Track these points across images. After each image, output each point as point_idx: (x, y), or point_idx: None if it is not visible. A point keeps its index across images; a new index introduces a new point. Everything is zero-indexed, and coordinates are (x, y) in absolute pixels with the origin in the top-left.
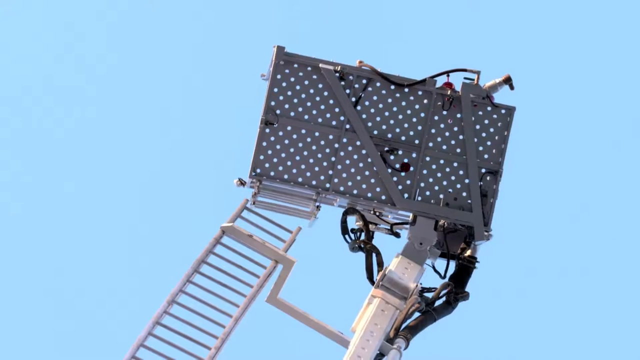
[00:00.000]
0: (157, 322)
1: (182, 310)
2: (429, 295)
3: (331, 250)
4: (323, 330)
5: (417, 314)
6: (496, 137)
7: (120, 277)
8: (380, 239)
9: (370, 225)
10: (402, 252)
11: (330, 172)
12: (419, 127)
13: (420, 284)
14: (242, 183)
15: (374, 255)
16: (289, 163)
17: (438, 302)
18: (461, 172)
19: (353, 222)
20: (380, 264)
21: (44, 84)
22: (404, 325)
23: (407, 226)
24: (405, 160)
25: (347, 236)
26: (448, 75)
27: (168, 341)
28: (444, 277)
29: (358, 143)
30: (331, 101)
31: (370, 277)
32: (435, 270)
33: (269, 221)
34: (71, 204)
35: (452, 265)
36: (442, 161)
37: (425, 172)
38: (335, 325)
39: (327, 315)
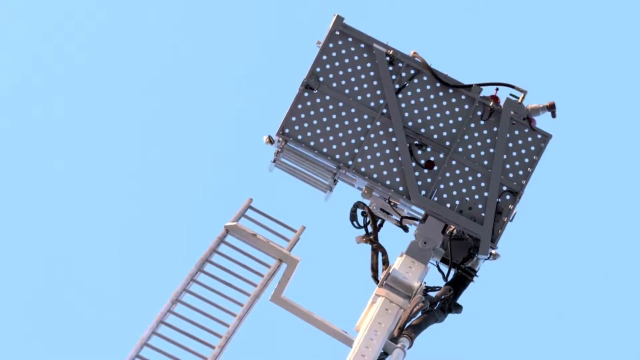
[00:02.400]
0: (161, 321)
1: (186, 309)
2: (433, 294)
3: (335, 249)
4: (327, 329)
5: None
6: (525, 160)
7: (124, 276)
8: (387, 233)
9: (379, 216)
10: (406, 251)
11: (356, 150)
12: (454, 130)
13: (425, 282)
14: (271, 141)
15: (379, 253)
16: (318, 131)
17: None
18: (482, 184)
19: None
20: (386, 263)
21: (48, 78)
22: (407, 324)
23: (417, 222)
24: (432, 159)
25: (355, 222)
26: (497, 89)
27: (172, 340)
28: (445, 280)
29: (390, 130)
30: (375, 82)
31: (375, 276)
32: (439, 270)
33: (273, 220)
34: (74, 202)
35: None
36: (467, 169)
37: (447, 175)
38: (339, 324)
39: (331, 314)
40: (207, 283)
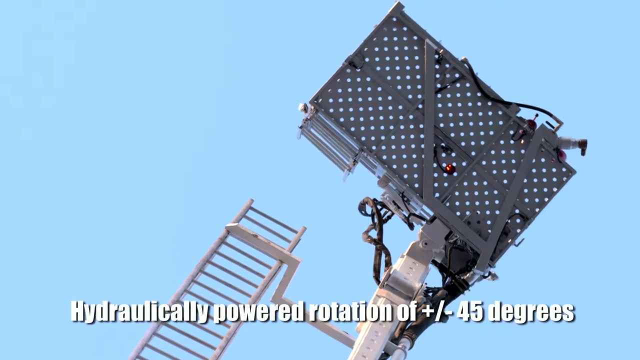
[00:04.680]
0: (162, 322)
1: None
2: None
3: (336, 250)
4: (328, 330)
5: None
6: (544, 189)
7: (124, 276)
8: (390, 233)
9: (389, 208)
10: (407, 252)
11: (383, 137)
12: (482, 142)
13: (426, 283)
14: (305, 110)
15: (383, 255)
16: (350, 109)
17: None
18: (496, 202)
19: (377, 195)
20: (388, 264)
21: (46, 75)
22: (408, 325)
23: (424, 222)
24: (454, 164)
25: (362, 211)
26: (537, 114)
27: (173, 341)
28: (444, 281)
29: (421, 126)
30: (418, 77)
31: (376, 277)
32: (440, 271)
33: (274, 221)
34: (73, 202)
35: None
36: (485, 183)
37: (465, 184)
38: (340, 325)
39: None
40: (208, 284)
